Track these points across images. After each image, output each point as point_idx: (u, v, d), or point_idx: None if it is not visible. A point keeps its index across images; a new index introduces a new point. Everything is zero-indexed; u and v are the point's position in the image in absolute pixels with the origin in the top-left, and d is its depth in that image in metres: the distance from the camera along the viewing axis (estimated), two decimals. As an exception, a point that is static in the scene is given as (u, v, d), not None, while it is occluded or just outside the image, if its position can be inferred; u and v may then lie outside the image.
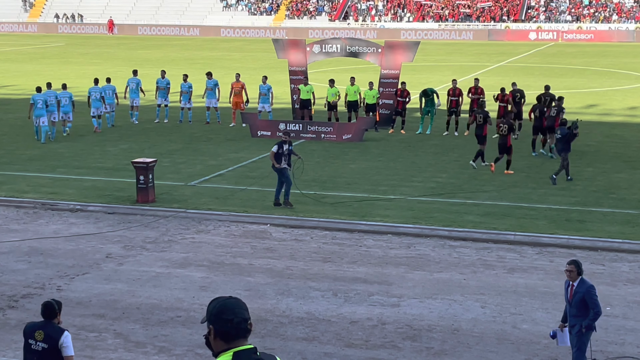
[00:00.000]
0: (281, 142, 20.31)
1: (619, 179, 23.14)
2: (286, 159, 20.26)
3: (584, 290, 11.07)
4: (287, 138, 20.55)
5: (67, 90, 30.39)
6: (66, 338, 9.70)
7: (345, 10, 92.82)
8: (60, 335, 9.67)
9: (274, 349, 12.36)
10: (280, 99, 36.86)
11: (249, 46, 74.77)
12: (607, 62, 57.98)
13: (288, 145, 20.34)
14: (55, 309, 9.83)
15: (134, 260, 16.63)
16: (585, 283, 11.15)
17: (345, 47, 32.11)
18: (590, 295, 11.05)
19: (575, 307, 11.15)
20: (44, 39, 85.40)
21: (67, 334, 9.77)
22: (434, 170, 24.48)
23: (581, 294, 11.07)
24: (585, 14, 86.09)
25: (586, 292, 11.06)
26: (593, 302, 11.06)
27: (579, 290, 11.10)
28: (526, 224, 18.79)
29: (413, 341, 12.81)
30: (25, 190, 22.08)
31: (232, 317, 4.92)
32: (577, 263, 11.23)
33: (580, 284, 11.14)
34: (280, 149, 20.13)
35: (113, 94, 31.26)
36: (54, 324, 9.79)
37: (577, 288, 11.12)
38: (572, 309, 11.20)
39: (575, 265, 11.17)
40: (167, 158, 25.84)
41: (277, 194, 20.42)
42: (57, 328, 9.78)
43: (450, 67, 54.46)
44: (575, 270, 11.14)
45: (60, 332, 9.74)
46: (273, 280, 15.41)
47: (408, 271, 15.89)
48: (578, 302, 11.11)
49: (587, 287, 11.09)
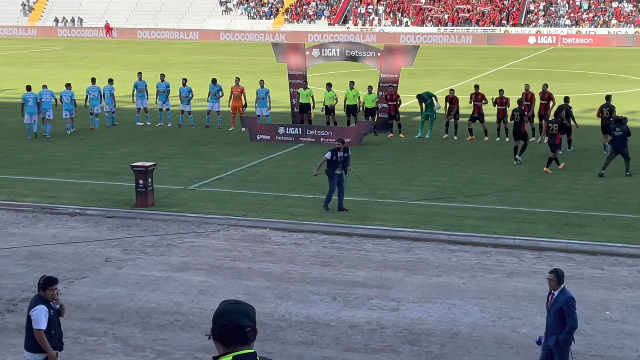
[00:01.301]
0: (335, 149, 20.28)
1: (618, 183, 23.15)
2: (340, 166, 20.21)
3: (563, 300, 10.82)
4: (341, 145, 20.35)
5: (70, 90, 31.06)
6: (35, 312, 10.25)
7: (344, 14, 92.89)
8: (33, 306, 10.29)
9: (273, 352, 12.35)
10: (279, 102, 36.90)
11: (248, 50, 74.82)
12: (606, 67, 58.03)
13: (343, 152, 20.25)
14: (40, 282, 10.39)
15: (133, 264, 16.62)
16: (565, 294, 10.90)
17: (344, 51, 32.14)
18: (568, 306, 10.80)
19: (553, 316, 10.92)
20: (43, 42, 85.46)
21: (41, 307, 10.22)
22: (433, 174, 24.49)
23: (560, 304, 10.83)
24: (585, 18, 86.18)
25: (565, 303, 10.81)
26: (570, 314, 10.80)
27: (558, 300, 10.86)
28: (525, 228, 18.79)
29: (412, 345, 12.80)
30: (24, 193, 22.07)
31: (227, 322, 4.96)
32: (558, 272, 10.98)
33: (561, 293, 10.91)
34: (334, 156, 20.12)
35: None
36: (40, 295, 10.34)
37: (557, 297, 10.89)
38: (550, 317, 10.98)
39: (556, 274, 10.94)
40: (167, 162, 25.85)
41: (327, 199, 20.31)
42: (36, 299, 10.35)
43: (450, 71, 54.51)
44: (555, 279, 10.91)
45: (34, 304, 10.29)
46: (272, 284, 15.40)
47: (407, 275, 15.89)
48: (556, 312, 10.87)
49: (566, 298, 10.85)
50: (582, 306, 14.31)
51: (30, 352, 10.40)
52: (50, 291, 10.29)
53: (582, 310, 14.13)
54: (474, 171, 24.76)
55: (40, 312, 10.19)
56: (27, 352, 10.47)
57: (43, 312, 10.20)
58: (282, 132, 29.47)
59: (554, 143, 24.53)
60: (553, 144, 24.56)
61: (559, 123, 24.59)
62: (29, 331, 10.35)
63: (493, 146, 28.46)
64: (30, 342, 10.35)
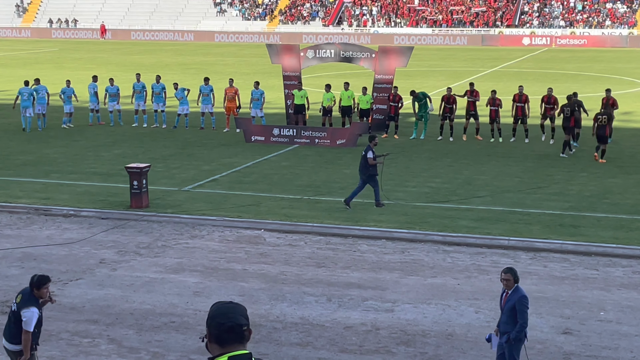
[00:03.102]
0: (372, 148, 20.72)
1: (613, 184, 23.19)
2: None
3: (516, 299, 10.81)
4: (376, 143, 21.01)
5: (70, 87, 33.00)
6: (27, 312, 10.22)
7: (339, 15, 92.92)
8: (26, 306, 10.24)
9: (267, 354, 12.34)
10: (274, 104, 36.90)
11: (243, 51, 74.81)
12: (601, 67, 58.14)
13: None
14: (33, 281, 10.36)
15: (128, 265, 16.60)
16: (518, 292, 10.88)
17: (339, 52, 32.16)
18: (520, 305, 10.78)
19: (506, 314, 10.93)
20: (38, 44, 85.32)
21: (34, 310, 10.21)
22: (428, 175, 24.50)
23: (512, 302, 10.82)
24: (579, 19, 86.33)
25: (517, 301, 10.79)
26: (522, 312, 10.78)
27: (511, 298, 10.85)
28: (520, 229, 18.81)
29: (407, 346, 12.80)
30: (18, 195, 22.02)
31: (225, 322, 4.96)
32: (513, 271, 10.96)
33: (514, 292, 10.89)
34: (374, 154, 20.57)
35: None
36: (32, 295, 10.32)
37: (510, 296, 10.88)
38: (503, 315, 10.99)
39: (512, 274, 10.91)
40: (161, 163, 25.82)
41: (377, 196, 20.69)
42: (28, 298, 10.31)
43: (444, 73, 54.56)
44: (512, 279, 10.89)
45: (27, 304, 10.25)
46: (267, 286, 15.39)
47: (402, 276, 15.89)
48: (509, 310, 10.87)
49: (519, 297, 10.82)
50: (576, 307, 14.35)
51: (10, 343, 10.49)
52: (45, 289, 10.34)
53: (577, 311, 14.16)
54: (469, 172, 24.78)
55: (33, 314, 10.23)
56: (5, 342, 10.56)
57: (35, 315, 10.25)
58: (277, 133, 29.45)
59: (603, 134, 25.45)
60: (602, 135, 25.47)
61: (607, 114, 25.36)
62: (13, 324, 10.38)
63: (488, 147, 28.48)
64: (12, 334, 10.41)
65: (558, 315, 14.00)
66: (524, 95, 29.26)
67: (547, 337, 13.13)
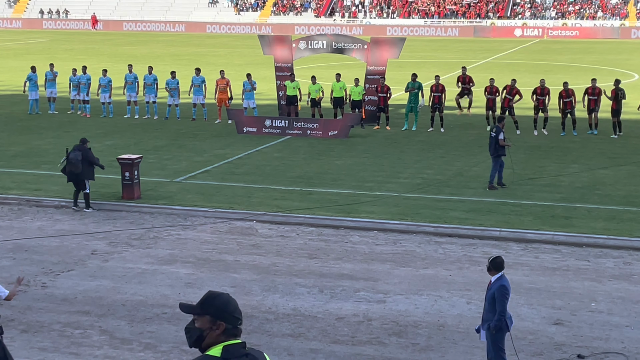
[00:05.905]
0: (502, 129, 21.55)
1: (604, 175, 23.24)
2: None
3: (496, 287, 10.83)
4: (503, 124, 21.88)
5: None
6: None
7: (331, 6, 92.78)
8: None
9: (260, 345, 12.34)
10: (266, 95, 36.85)
11: (235, 42, 74.64)
12: (592, 59, 58.20)
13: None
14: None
15: (120, 256, 16.58)
16: (500, 281, 10.88)
17: (331, 43, 32.13)
18: (500, 293, 10.78)
19: (488, 302, 10.96)
20: (29, 34, 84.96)
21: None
22: (420, 166, 24.51)
23: (493, 291, 10.86)
24: (571, 10, 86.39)
25: (497, 290, 10.80)
26: (500, 301, 10.78)
27: (493, 286, 10.89)
28: (512, 220, 18.85)
29: (399, 337, 12.82)
30: (9, 186, 21.96)
31: (239, 316, 4.98)
32: (493, 260, 10.95)
33: (496, 281, 10.91)
34: (504, 136, 21.47)
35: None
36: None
37: (492, 284, 10.92)
38: (486, 303, 11.05)
39: (490, 262, 10.96)
40: (153, 154, 25.77)
41: (492, 178, 21.59)
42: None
43: (436, 64, 54.55)
44: (488, 266, 10.97)
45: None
46: (259, 277, 15.39)
47: (394, 267, 15.91)
48: (490, 298, 10.90)
49: (499, 286, 10.83)
50: (568, 298, 14.39)
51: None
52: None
53: (568, 302, 14.20)
54: (461, 163, 24.81)
55: None
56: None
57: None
58: (269, 124, 29.42)
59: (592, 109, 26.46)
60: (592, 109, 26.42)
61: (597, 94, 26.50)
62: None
63: (480, 138, 28.48)
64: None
65: (549, 306, 14.04)
66: (546, 88, 29.11)
67: (539, 328, 13.17)
